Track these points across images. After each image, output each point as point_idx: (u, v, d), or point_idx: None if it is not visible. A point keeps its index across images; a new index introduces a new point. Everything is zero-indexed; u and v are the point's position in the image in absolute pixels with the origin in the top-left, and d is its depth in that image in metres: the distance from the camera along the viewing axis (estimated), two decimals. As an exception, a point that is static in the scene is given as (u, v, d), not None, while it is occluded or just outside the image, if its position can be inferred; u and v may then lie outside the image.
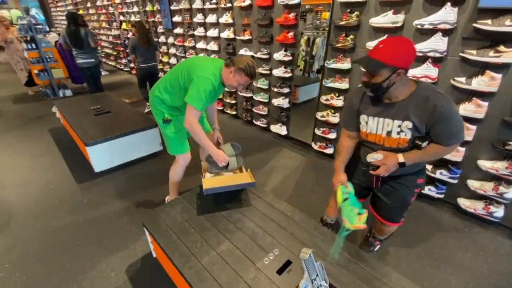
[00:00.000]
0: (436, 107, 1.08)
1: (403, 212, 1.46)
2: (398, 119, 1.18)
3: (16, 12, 12.69)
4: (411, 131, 1.18)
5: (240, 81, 1.59)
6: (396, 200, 1.41)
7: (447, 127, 1.12)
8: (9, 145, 3.35)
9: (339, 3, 2.28)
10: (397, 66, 1.08)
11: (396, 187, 1.37)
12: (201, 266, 1.25)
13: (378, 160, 1.26)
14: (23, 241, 1.90)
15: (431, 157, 1.24)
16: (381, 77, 1.11)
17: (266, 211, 1.60)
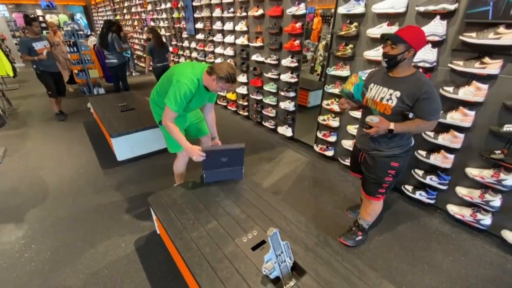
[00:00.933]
0: (424, 87, 1.42)
1: (377, 188, 1.73)
2: (392, 89, 1.51)
3: (63, 17, 14.10)
4: (397, 100, 1.48)
5: (223, 87, 1.72)
6: (371, 174, 1.72)
7: (429, 105, 1.43)
8: (51, 133, 3.90)
9: (340, 14, 2.43)
10: (411, 45, 1.41)
11: (372, 163, 1.69)
12: (190, 238, 1.50)
13: (373, 122, 1.52)
14: (56, 212, 2.29)
15: (415, 129, 1.51)
16: (398, 50, 1.44)
17: (253, 200, 1.81)
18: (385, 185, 1.71)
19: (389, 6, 2.06)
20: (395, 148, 1.61)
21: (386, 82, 1.55)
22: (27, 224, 2.17)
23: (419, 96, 1.42)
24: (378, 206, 1.85)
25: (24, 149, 3.42)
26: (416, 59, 1.99)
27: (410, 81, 1.47)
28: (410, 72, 1.50)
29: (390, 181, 1.69)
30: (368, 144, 1.69)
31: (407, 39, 1.41)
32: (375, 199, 1.79)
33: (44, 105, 5.18)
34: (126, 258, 1.86)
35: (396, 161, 1.62)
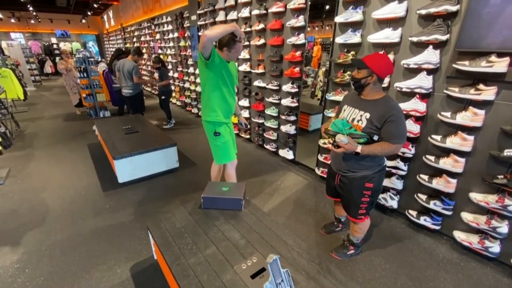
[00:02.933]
0: (391, 111, 1.52)
1: (357, 209, 1.78)
2: (362, 110, 1.61)
3: (76, 44, 14.92)
4: (366, 121, 1.57)
5: (239, 49, 2.01)
6: (348, 196, 1.80)
7: (395, 128, 1.52)
8: (55, 155, 3.95)
9: (338, 44, 2.55)
10: (373, 71, 1.54)
11: (348, 185, 1.76)
12: (187, 265, 1.45)
13: (342, 142, 1.56)
14: (53, 235, 2.26)
15: (380, 151, 1.55)
16: (361, 74, 1.58)
17: (254, 224, 1.78)
18: (364, 205, 1.77)
19: (384, 37, 2.17)
20: (369, 168, 1.68)
21: (358, 104, 1.66)
22: (23, 248, 2.13)
23: (386, 118, 1.51)
24: (365, 224, 1.90)
25: (28, 170, 3.45)
26: (412, 86, 2.06)
27: (379, 104, 1.57)
28: (380, 96, 1.61)
29: (367, 201, 1.75)
30: (342, 165, 1.75)
31: (370, 65, 1.53)
32: (358, 220, 1.84)
33: (51, 127, 5.31)
34: (120, 286, 1.79)
35: (370, 181, 1.69)
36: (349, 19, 2.38)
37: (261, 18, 3.44)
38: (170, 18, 6.11)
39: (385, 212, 2.57)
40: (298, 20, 2.87)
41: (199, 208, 1.95)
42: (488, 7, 1.63)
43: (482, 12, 1.65)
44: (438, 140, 1.99)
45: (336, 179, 1.85)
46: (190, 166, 3.61)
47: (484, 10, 1.64)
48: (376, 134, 1.57)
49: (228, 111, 2.23)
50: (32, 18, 13.64)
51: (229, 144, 2.30)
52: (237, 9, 3.87)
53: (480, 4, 1.65)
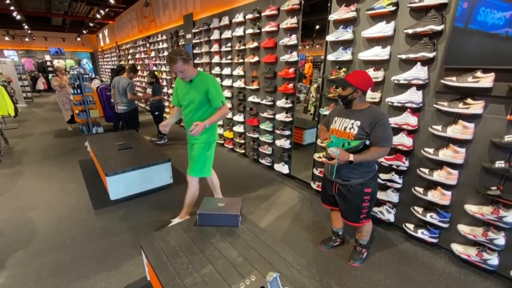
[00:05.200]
0: (379, 116, 1.68)
1: (358, 214, 1.87)
2: (353, 119, 1.75)
3: (70, 61, 14.99)
4: (358, 128, 1.71)
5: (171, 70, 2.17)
6: (348, 204, 1.87)
7: (383, 131, 1.67)
8: (45, 172, 3.84)
9: (330, 61, 2.64)
10: (357, 87, 1.71)
11: (347, 193, 1.84)
12: (183, 285, 1.39)
13: (334, 154, 1.67)
14: (40, 257, 2.14)
15: (371, 156, 1.68)
16: (347, 92, 1.75)
17: (251, 241, 1.74)
18: (365, 210, 1.86)
19: (373, 54, 2.26)
20: (364, 175, 1.79)
21: (348, 114, 1.81)
22: (8, 270, 2.01)
23: (375, 122, 1.66)
24: (368, 227, 2.01)
25: (15, 188, 3.33)
26: (403, 100, 2.12)
27: (367, 112, 1.74)
28: (366, 105, 1.79)
29: (367, 205, 1.86)
30: (340, 175, 1.83)
31: (353, 82, 1.71)
32: (361, 224, 1.93)
33: (42, 143, 5.20)
34: (111, 310, 1.70)
35: (368, 186, 1.81)
36: (340, 37, 2.48)
37: (255, 37, 3.55)
38: (165, 37, 6.24)
39: (382, 225, 2.56)
40: (290, 38, 2.97)
41: (194, 225, 1.90)
42: (472, 25, 1.72)
43: (466, 31, 1.75)
44: (431, 152, 2.03)
45: (334, 188, 1.92)
46: (184, 182, 3.52)
47: (467, 29, 1.74)
48: (367, 139, 1.69)
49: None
50: (26, 36, 13.73)
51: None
52: (231, 28, 3.99)
53: (463, 23, 1.75)
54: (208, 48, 4.58)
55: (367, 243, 2.11)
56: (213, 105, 2.23)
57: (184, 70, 2.10)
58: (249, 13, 3.50)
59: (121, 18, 9.86)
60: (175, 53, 2.06)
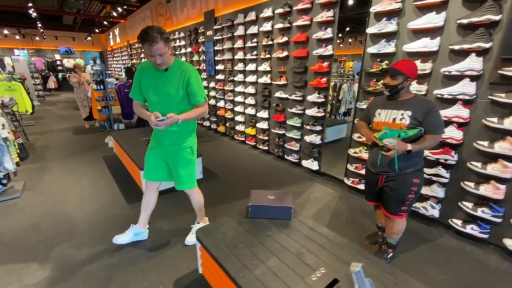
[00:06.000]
0: (430, 103, 1.66)
1: (400, 205, 1.80)
2: (402, 110, 1.70)
3: (79, 61, 15.02)
4: (410, 118, 1.66)
5: (146, 51, 1.60)
6: (394, 194, 1.78)
7: (436, 118, 1.64)
8: (70, 167, 3.82)
9: (369, 53, 2.60)
10: (408, 75, 1.67)
11: (395, 183, 1.77)
12: (253, 276, 1.35)
13: (392, 144, 1.59)
14: (84, 250, 2.12)
15: (428, 144, 1.64)
16: (397, 81, 1.69)
17: (308, 233, 1.70)
18: (408, 202, 1.79)
19: (421, 46, 2.21)
20: (414, 165, 1.73)
21: (393, 105, 1.76)
22: (52, 264, 1.98)
23: (428, 110, 1.63)
24: (403, 224, 1.91)
25: (44, 183, 3.32)
26: (455, 92, 2.08)
27: (416, 101, 1.70)
28: (412, 95, 1.75)
29: (412, 198, 1.78)
30: (387, 167, 1.76)
31: (404, 71, 1.66)
32: (398, 217, 1.85)
33: (61, 140, 5.20)
34: (167, 303, 1.66)
35: (417, 177, 1.75)
36: (382, 30, 2.44)
37: (285, 32, 3.52)
38: (183, 34, 6.23)
39: (425, 221, 2.51)
40: (326, 32, 2.94)
41: (245, 218, 1.87)
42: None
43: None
44: (485, 145, 1.98)
45: (380, 181, 1.85)
46: (213, 177, 3.52)
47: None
48: (421, 127, 1.65)
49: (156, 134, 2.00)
50: (37, 35, 13.81)
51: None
52: (257, 24, 3.96)
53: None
54: (231, 45, 4.56)
55: (395, 244, 1.98)
56: (193, 101, 1.82)
57: (165, 53, 1.62)
58: (279, 7, 3.47)
59: (133, 17, 9.88)
60: (154, 29, 1.55)
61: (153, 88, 1.76)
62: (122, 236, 2.16)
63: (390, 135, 1.68)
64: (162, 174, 2.05)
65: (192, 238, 2.16)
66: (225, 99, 5.19)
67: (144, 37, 1.54)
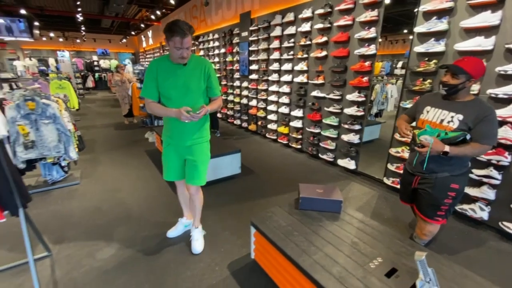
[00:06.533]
0: (488, 111, 1.51)
1: (436, 210, 1.72)
2: (453, 112, 1.58)
3: (114, 62, 15.94)
4: (459, 122, 1.55)
5: (174, 44, 1.57)
6: (429, 197, 1.71)
7: (489, 128, 1.51)
8: (118, 160, 4.15)
9: (416, 52, 2.59)
10: (472, 75, 1.52)
11: (430, 186, 1.69)
12: (312, 260, 1.44)
13: (427, 141, 1.53)
14: (142, 233, 2.33)
15: (470, 152, 1.53)
16: (458, 80, 1.54)
17: (359, 226, 1.76)
18: (444, 207, 1.70)
19: (475, 45, 2.18)
20: (455, 170, 1.63)
21: (446, 105, 1.64)
22: (117, 243, 2.20)
23: (483, 117, 1.49)
24: (435, 228, 1.83)
25: (97, 173, 3.64)
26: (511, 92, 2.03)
27: (473, 105, 1.55)
28: (471, 97, 1.60)
29: (449, 203, 1.68)
30: (425, 167, 1.68)
31: (469, 70, 1.51)
32: (433, 221, 1.76)
33: (105, 134, 5.62)
34: (224, 283, 1.80)
35: (456, 182, 1.64)
36: (432, 29, 2.43)
37: (324, 32, 3.57)
38: (218, 35, 6.46)
39: (472, 223, 2.45)
40: (369, 31, 2.96)
41: (295, 209, 1.96)
42: None
43: None
44: (545, 147, 1.92)
45: (414, 182, 1.80)
46: (249, 173, 3.66)
47: None
48: (468, 133, 1.54)
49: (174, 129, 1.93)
50: (78, 37, 14.89)
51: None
52: (296, 24, 4.05)
53: None
54: (267, 45, 4.68)
55: (423, 245, 1.89)
56: (212, 94, 1.86)
57: (190, 46, 1.64)
58: (319, 8, 3.53)
59: (167, 20, 10.35)
60: (183, 22, 1.56)
61: (173, 83, 1.72)
62: (174, 230, 2.30)
63: (429, 133, 1.62)
64: (183, 172, 2.01)
65: (199, 245, 2.09)
66: (258, 98, 5.32)
67: (175, 30, 1.52)
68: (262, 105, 5.20)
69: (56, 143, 2.92)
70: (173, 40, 1.56)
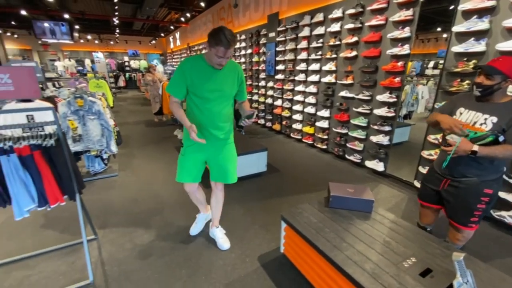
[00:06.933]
0: None
1: (470, 216, 1.65)
2: (487, 114, 1.52)
3: (144, 62, 16.71)
4: (492, 125, 1.48)
5: (217, 53, 1.59)
6: (460, 202, 1.65)
7: None
8: (150, 154, 4.41)
9: (454, 53, 2.51)
10: (509, 75, 1.45)
11: (461, 190, 1.63)
12: (344, 256, 1.49)
13: (453, 140, 1.49)
14: (177, 223, 2.48)
15: (502, 153, 1.44)
16: (493, 81, 1.48)
17: (391, 226, 1.76)
18: (478, 212, 1.63)
19: (520, 44, 2.08)
20: (488, 174, 1.57)
21: (479, 107, 1.57)
22: (154, 231, 2.38)
23: None
24: (469, 234, 1.75)
25: (133, 166, 3.90)
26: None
27: (508, 106, 1.49)
28: (507, 98, 1.52)
29: (483, 208, 1.62)
30: (455, 170, 1.64)
31: (505, 70, 1.44)
32: (467, 228, 1.70)
33: (137, 131, 5.96)
34: (255, 274, 1.89)
35: (490, 187, 1.58)
36: (471, 28, 2.34)
37: (355, 32, 3.55)
38: (244, 36, 6.60)
39: (511, 232, 2.34)
40: (403, 31, 2.90)
41: (325, 207, 2.00)
42: None
43: None
44: None
45: (442, 184, 1.74)
46: (275, 171, 3.72)
47: None
48: (502, 135, 1.46)
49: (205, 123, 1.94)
50: (112, 39, 15.84)
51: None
52: (325, 25, 4.05)
53: None
54: (294, 45, 4.72)
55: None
56: (241, 97, 1.94)
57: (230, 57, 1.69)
58: (351, 8, 3.52)
59: (195, 22, 10.73)
60: (230, 33, 1.56)
61: (209, 86, 1.72)
62: (194, 227, 2.33)
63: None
64: (200, 175, 2.06)
65: (226, 241, 2.15)
66: (283, 98, 5.37)
67: (222, 41, 1.53)
68: (287, 105, 5.24)
69: (99, 137, 3.18)
70: (216, 49, 1.57)
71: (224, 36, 1.53)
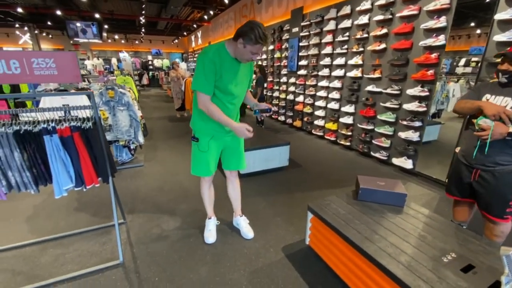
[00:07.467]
0: None
1: (505, 207, 1.57)
2: None
3: (166, 61, 17.20)
4: None
5: (253, 50, 1.53)
6: (493, 192, 1.58)
7: None
8: (173, 147, 4.52)
9: (495, 42, 2.34)
10: None
11: (494, 180, 1.56)
12: (377, 247, 1.43)
13: (486, 124, 1.44)
14: (200, 212, 2.51)
15: None
16: None
17: (426, 221, 1.67)
18: None
19: None
20: None
21: (506, 92, 1.52)
22: (180, 218, 2.43)
23: None
24: (507, 228, 1.65)
25: (158, 157, 4.02)
26: None
27: None
28: None
29: None
30: (486, 159, 1.55)
31: None
32: (503, 220, 1.61)
33: (161, 125, 6.14)
34: (279, 263, 1.87)
35: None
36: (518, 14, 2.17)
37: (385, 23, 3.42)
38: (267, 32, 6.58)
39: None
40: (438, 21, 2.75)
41: (353, 199, 1.94)
42: None
43: None
44: None
45: (473, 175, 1.65)
46: (297, 166, 3.68)
47: None
48: None
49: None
50: (137, 39, 16.45)
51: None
52: (352, 18, 3.94)
53: None
54: (319, 40, 4.63)
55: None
56: (248, 87, 1.92)
57: None
58: (381, -1, 3.40)
59: (216, 20, 10.88)
60: (266, 31, 1.54)
61: (235, 81, 1.68)
62: (209, 236, 2.10)
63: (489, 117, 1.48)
64: (216, 164, 2.02)
65: (250, 230, 2.15)
66: (305, 94, 5.30)
67: (262, 39, 1.49)
68: (310, 101, 5.16)
69: (128, 127, 3.31)
70: (254, 46, 1.51)
71: (263, 33, 1.49)
